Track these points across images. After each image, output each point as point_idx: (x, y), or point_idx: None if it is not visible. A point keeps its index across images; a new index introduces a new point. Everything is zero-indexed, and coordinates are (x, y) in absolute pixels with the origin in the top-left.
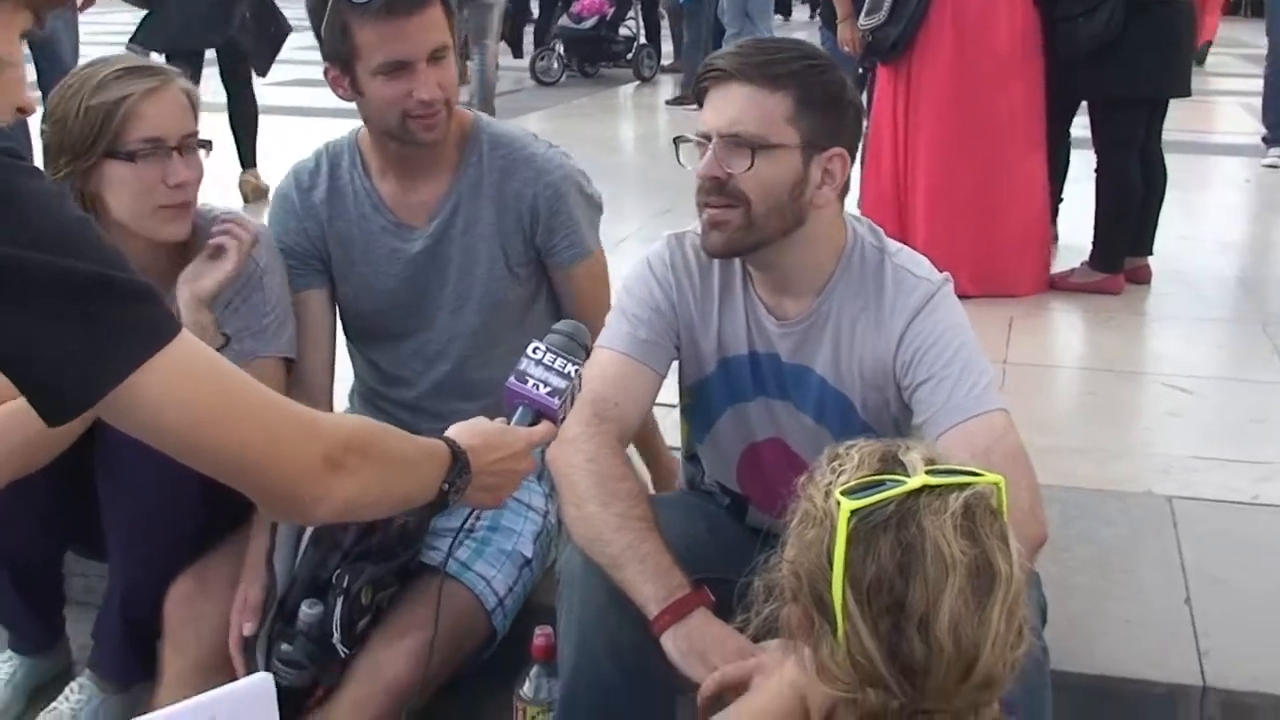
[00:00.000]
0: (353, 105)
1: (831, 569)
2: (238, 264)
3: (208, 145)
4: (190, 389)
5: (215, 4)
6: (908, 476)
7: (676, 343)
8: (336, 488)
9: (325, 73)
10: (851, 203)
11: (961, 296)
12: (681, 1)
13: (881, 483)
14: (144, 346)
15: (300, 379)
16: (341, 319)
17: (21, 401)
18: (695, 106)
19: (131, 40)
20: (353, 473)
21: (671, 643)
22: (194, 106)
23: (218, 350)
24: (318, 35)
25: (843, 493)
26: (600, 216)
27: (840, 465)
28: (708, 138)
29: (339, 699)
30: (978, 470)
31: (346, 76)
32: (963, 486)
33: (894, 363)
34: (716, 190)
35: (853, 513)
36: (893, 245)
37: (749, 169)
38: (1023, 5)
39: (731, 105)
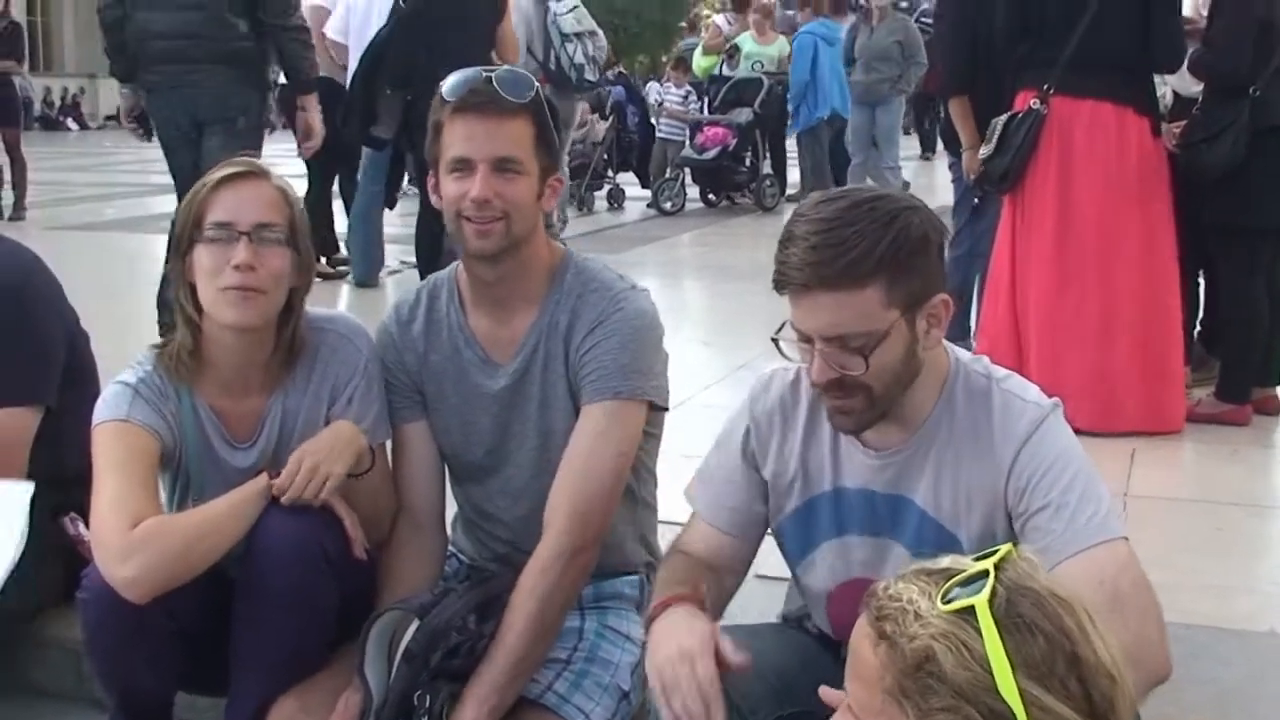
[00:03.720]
0: None
1: (993, 674)
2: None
3: (293, 243)
4: None
5: None
6: (971, 564)
7: (763, 506)
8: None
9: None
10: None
11: (1078, 432)
12: (794, 131)
13: (966, 575)
14: None
15: (409, 509)
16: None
17: None
18: None
19: None
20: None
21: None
22: (285, 202)
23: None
24: None
25: (944, 601)
26: (654, 380)
27: (905, 598)
28: (809, 340)
29: None
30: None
31: (434, 178)
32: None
33: (1005, 490)
34: (837, 387)
35: (990, 602)
36: (1000, 372)
37: (865, 368)
38: (1138, 134)
39: (823, 312)
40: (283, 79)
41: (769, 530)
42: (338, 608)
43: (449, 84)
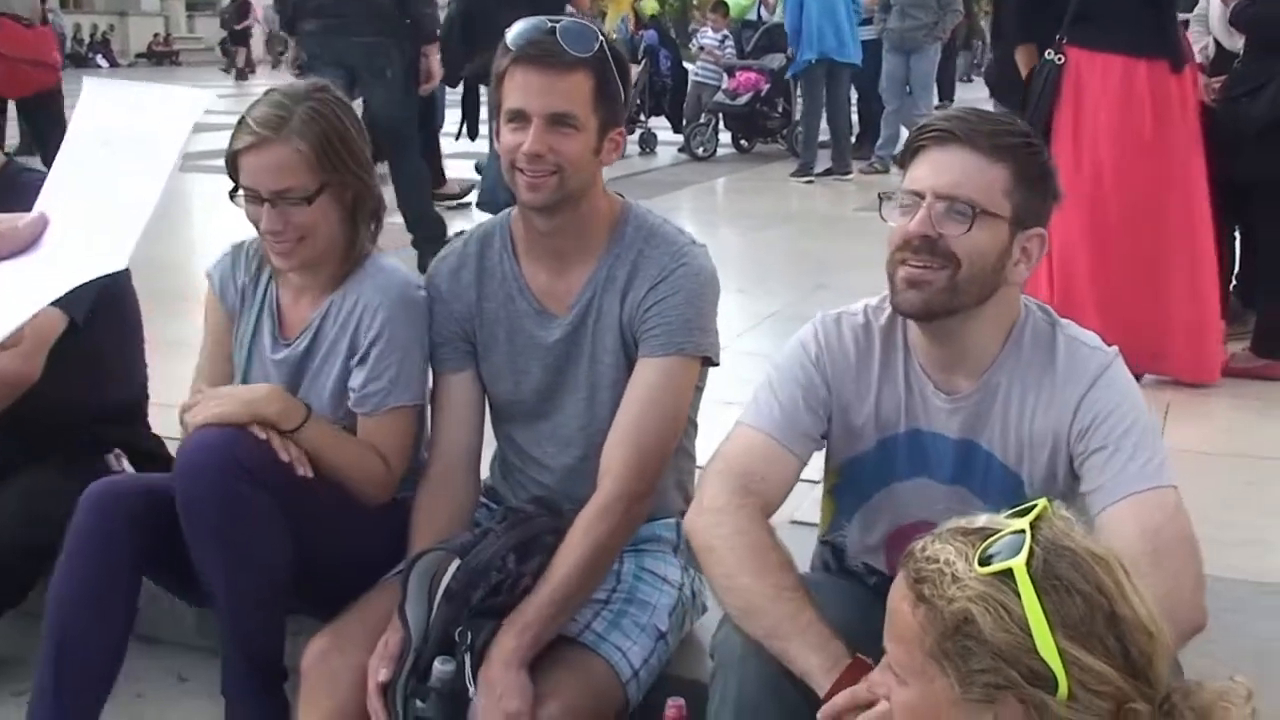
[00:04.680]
0: None
1: (1032, 635)
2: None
3: (312, 198)
4: None
5: None
6: (1006, 523)
7: (825, 430)
8: None
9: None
10: None
11: None
12: (790, 74)
13: (1003, 535)
14: None
15: (446, 455)
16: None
17: None
18: (809, 180)
19: None
20: None
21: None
22: (301, 160)
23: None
24: None
25: (980, 562)
26: (711, 336)
27: (942, 560)
28: (919, 195)
29: None
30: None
31: (496, 123)
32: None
33: (1069, 432)
34: (927, 249)
35: (1027, 564)
36: (1062, 320)
37: (965, 233)
38: (1163, 85)
39: (953, 168)
40: None
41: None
42: (283, 524)
43: (513, 32)
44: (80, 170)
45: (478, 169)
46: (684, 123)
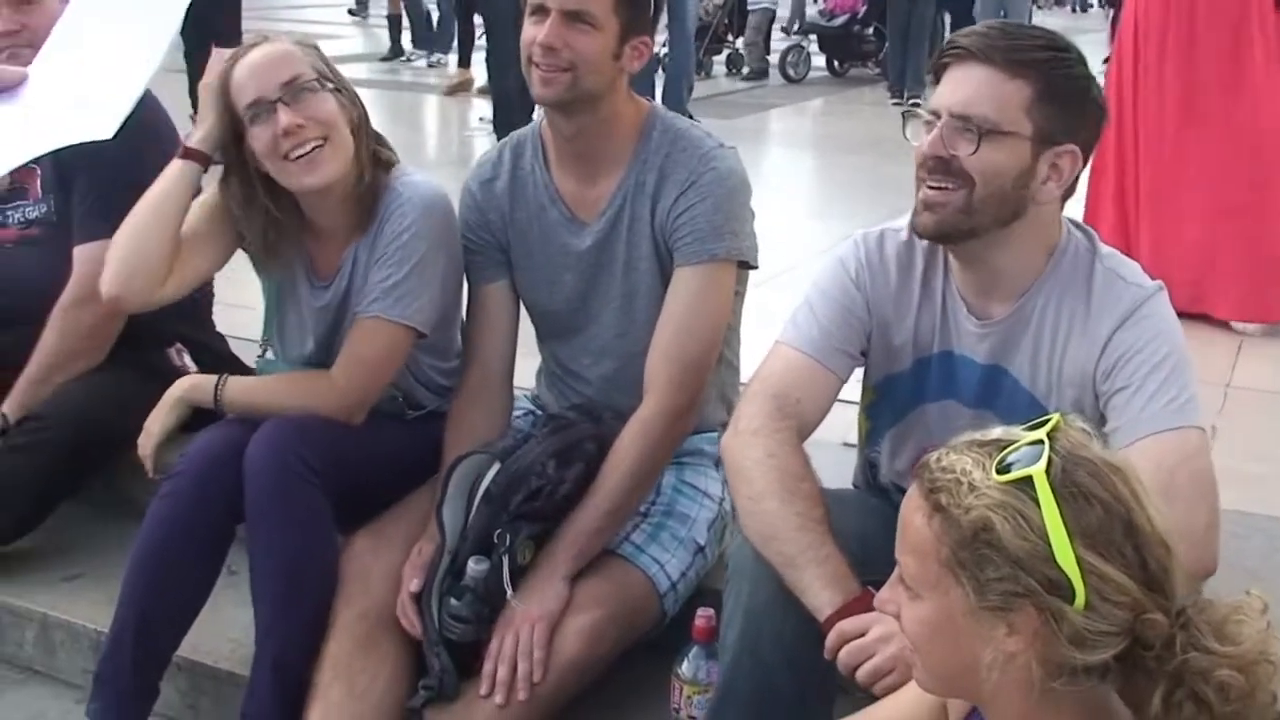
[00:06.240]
0: None
1: (1050, 544)
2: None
3: (322, 84)
4: None
5: None
6: (1023, 434)
7: (864, 348)
8: None
9: None
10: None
11: (1181, 315)
12: None
13: (1020, 445)
14: None
15: (481, 364)
16: (525, 308)
17: None
18: (897, 102)
19: None
20: None
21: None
22: (301, 54)
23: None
24: None
25: (999, 471)
26: (746, 239)
27: (959, 469)
28: (937, 115)
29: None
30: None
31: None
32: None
33: (1095, 369)
34: (941, 169)
35: (1046, 472)
36: (1105, 249)
37: (973, 152)
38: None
39: (967, 85)
40: None
41: (866, 380)
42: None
43: None
44: (79, 37)
45: None
46: (745, 47)
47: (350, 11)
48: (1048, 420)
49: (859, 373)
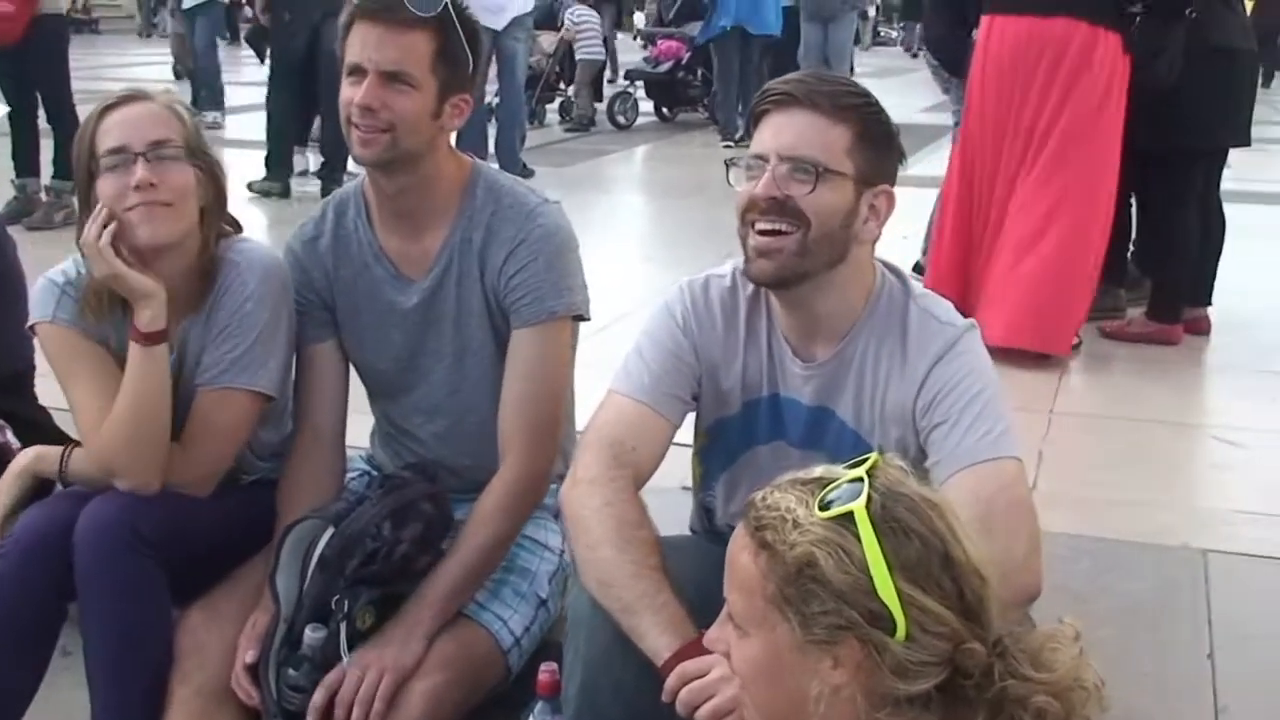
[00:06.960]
0: None
1: (871, 577)
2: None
3: (188, 155)
4: None
5: None
6: (844, 472)
7: (695, 392)
8: None
9: None
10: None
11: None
12: (699, 42)
13: (841, 483)
14: None
15: (312, 427)
16: (354, 368)
17: None
18: (729, 144)
19: None
20: None
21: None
22: (176, 118)
23: None
24: None
25: (821, 508)
26: (580, 293)
27: (783, 507)
28: (764, 159)
29: None
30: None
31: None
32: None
33: (914, 406)
34: (775, 210)
35: (866, 508)
36: (918, 288)
37: (810, 192)
38: (1089, 50)
39: (793, 129)
40: None
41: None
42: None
43: None
44: None
45: None
46: (574, 96)
47: (175, 73)
48: (867, 458)
49: (692, 417)
